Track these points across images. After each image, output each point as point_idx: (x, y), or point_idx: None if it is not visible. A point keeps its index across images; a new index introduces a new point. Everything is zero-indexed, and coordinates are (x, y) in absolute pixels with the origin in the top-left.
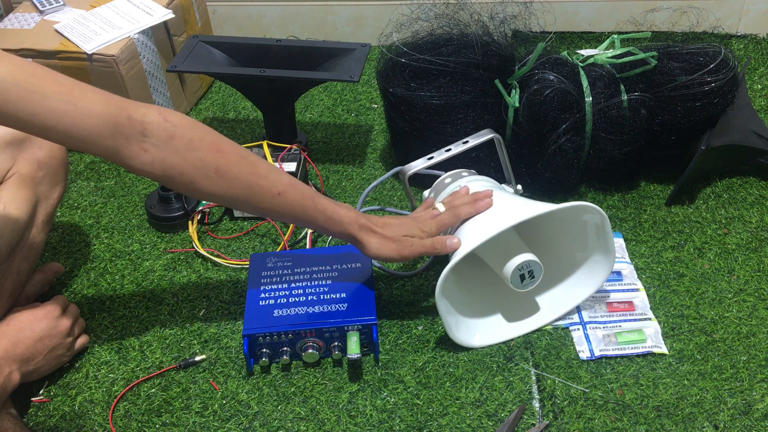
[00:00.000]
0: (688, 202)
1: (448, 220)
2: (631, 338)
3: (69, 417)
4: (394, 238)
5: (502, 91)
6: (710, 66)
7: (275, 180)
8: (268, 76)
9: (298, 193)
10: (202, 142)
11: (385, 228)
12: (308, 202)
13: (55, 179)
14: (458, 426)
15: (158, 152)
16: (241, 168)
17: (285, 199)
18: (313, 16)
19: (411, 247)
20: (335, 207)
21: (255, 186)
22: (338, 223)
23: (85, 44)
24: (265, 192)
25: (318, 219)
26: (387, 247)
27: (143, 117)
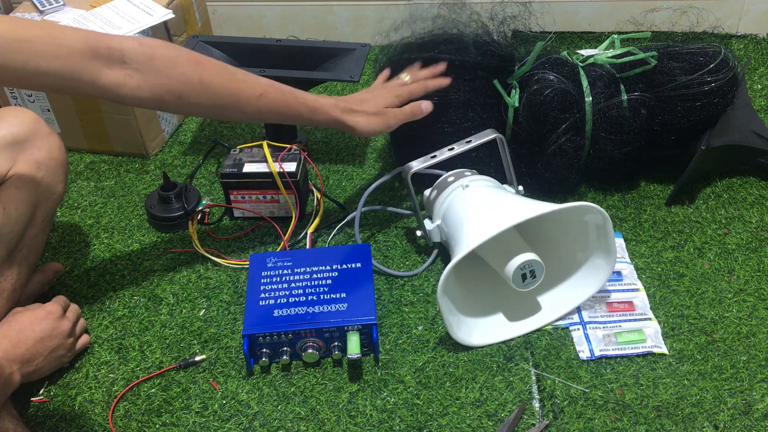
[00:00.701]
0: (688, 202)
1: (416, 89)
2: (631, 338)
3: (69, 417)
4: (377, 112)
5: (501, 92)
6: (710, 66)
7: (255, 82)
8: (268, 76)
9: (279, 91)
10: (180, 58)
11: (364, 104)
12: (290, 97)
13: (55, 180)
14: (458, 426)
15: (142, 75)
16: (222, 76)
17: (268, 98)
18: (313, 16)
19: (395, 117)
20: (316, 97)
21: (238, 91)
22: (322, 112)
23: None
24: (249, 95)
25: (302, 111)
26: (374, 122)
27: (120, 44)
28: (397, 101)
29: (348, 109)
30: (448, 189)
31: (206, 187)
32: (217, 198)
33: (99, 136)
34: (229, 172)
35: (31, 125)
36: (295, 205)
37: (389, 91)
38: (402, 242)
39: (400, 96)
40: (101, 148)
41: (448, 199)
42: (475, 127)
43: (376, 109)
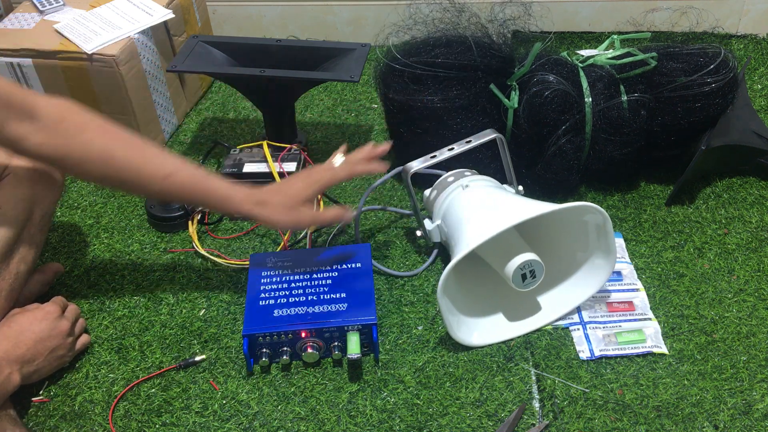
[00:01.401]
0: (688, 202)
1: (342, 173)
2: (631, 338)
3: (69, 417)
4: (291, 206)
5: (499, 95)
6: (710, 67)
7: (164, 162)
8: (268, 76)
9: (188, 175)
10: (90, 125)
11: (279, 196)
12: (200, 183)
13: (52, 179)
14: (458, 426)
15: (48, 134)
16: (129, 150)
17: (175, 181)
18: (313, 16)
19: (310, 218)
20: (228, 187)
21: (143, 167)
22: (232, 203)
23: (85, 44)
24: (154, 174)
25: (210, 199)
26: (285, 218)
27: (34, 101)
28: (318, 189)
29: (260, 202)
30: (448, 189)
31: None
32: None
33: None
34: (229, 172)
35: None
36: None
37: (311, 179)
38: (402, 242)
39: (320, 182)
40: None
41: (448, 199)
42: (475, 129)
43: (290, 203)
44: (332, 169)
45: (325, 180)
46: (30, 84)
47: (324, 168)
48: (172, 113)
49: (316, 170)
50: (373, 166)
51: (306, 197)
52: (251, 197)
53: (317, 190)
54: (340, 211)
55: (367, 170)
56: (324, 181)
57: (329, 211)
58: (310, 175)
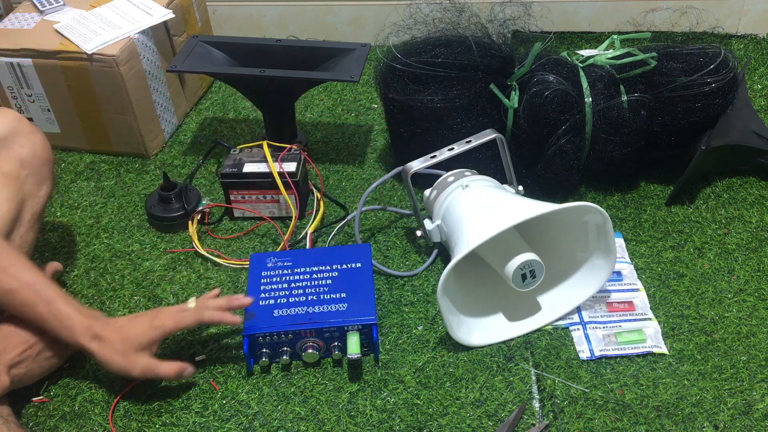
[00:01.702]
0: (688, 202)
1: (189, 319)
2: (631, 338)
3: (69, 417)
4: (126, 350)
5: (499, 95)
6: (710, 67)
7: (12, 277)
8: (268, 76)
9: (32, 295)
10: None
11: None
12: (41, 304)
13: (41, 177)
14: (458, 426)
15: None
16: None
17: (15, 298)
18: (313, 16)
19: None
20: (70, 315)
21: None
22: (70, 331)
23: (85, 44)
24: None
25: (49, 324)
26: (116, 362)
27: None
28: (159, 334)
29: (97, 337)
30: (448, 189)
31: (206, 187)
32: (217, 198)
33: (99, 136)
34: (229, 172)
35: (13, 123)
36: (295, 205)
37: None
38: (402, 242)
39: (162, 328)
40: (101, 148)
41: (448, 199)
42: (475, 129)
43: (126, 347)
44: (179, 314)
45: (169, 326)
46: (30, 84)
47: (172, 312)
48: (172, 113)
49: (162, 314)
50: (226, 317)
51: (144, 343)
52: (90, 330)
53: (158, 336)
54: (180, 368)
55: (216, 319)
56: (167, 327)
57: (167, 366)
58: (155, 317)
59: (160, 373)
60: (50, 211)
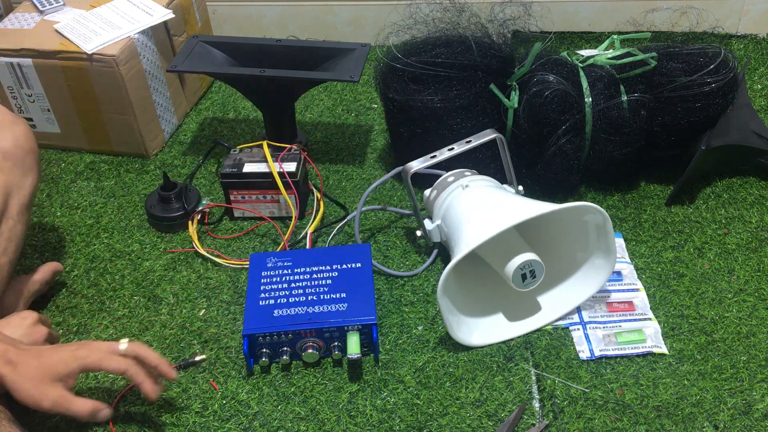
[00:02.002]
0: (688, 202)
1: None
2: (631, 338)
3: (69, 417)
4: (40, 379)
5: (500, 95)
6: (710, 67)
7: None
8: (268, 76)
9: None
10: None
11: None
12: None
13: (25, 169)
14: (458, 426)
15: None
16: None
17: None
18: (313, 16)
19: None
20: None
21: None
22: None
23: (85, 44)
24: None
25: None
26: (25, 393)
27: None
28: (79, 367)
29: (11, 361)
30: (448, 189)
31: (206, 187)
32: (217, 198)
33: (99, 136)
34: (229, 172)
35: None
36: (295, 205)
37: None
38: (402, 242)
39: (83, 360)
40: (101, 148)
41: (448, 199)
42: (475, 129)
43: (41, 375)
44: (108, 353)
45: (92, 360)
46: (30, 84)
47: (101, 348)
48: (172, 113)
49: (90, 346)
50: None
51: (61, 374)
52: (5, 354)
53: (77, 368)
54: (94, 407)
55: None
56: (90, 360)
57: (81, 403)
58: (80, 347)
59: (71, 409)
60: (50, 211)
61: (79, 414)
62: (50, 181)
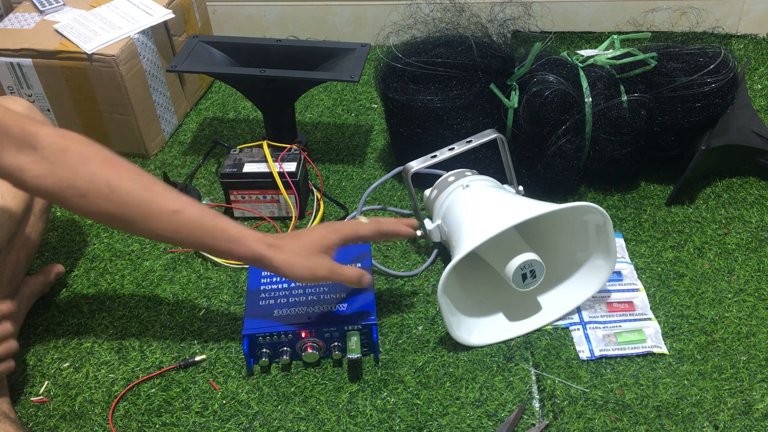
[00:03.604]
0: (688, 202)
1: (367, 229)
2: (631, 338)
3: (69, 417)
4: (308, 254)
5: (500, 95)
6: (710, 67)
7: (172, 198)
8: (268, 76)
9: (198, 212)
10: (95, 156)
11: (296, 241)
12: (209, 221)
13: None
14: (458, 426)
15: (49, 165)
16: (135, 184)
17: (183, 218)
18: (313, 16)
19: (328, 270)
20: (239, 227)
21: (150, 202)
22: (243, 244)
23: (85, 44)
24: (162, 209)
25: (220, 239)
26: (300, 266)
27: (37, 131)
28: (339, 238)
29: (274, 245)
30: (449, 189)
31: (206, 187)
32: (217, 198)
33: (99, 136)
34: (229, 172)
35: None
36: (295, 205)
37: (332, 227)
38: (402, 242)
39: (342, 232)
40: None
41: (448, 199)
42: (475, 130)
43: (307, 250)
44: (357, 223)
45: (347, 231)
46: (30, 84)
47: (348, 221)
48: (172, 113)
49: (339, 223)
50: (402, 228)
51: (326, 245)
52: (265, 239)
53: (338, 240)
54: (360, 273)
55: (394, 230)
56: (346, 231)
57: (349, 270)
58: (332, 224)
59: (344, 275)
60: (50, 210)
61: (349, 280)
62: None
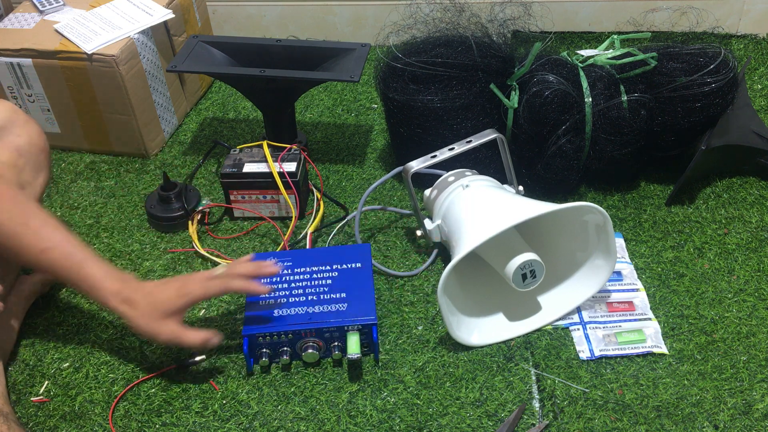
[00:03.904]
0: (688, 202)
1: (216, 288)
2: (631, 338)
3: (69, 417)
4: (151, 314)
5: (500, 95)
6: (710, 67)
7: (45, 235)
8: (268, 76)
9: (65, 255)
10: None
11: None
12: (73, 265)
13: (38, 166)
14: (458, 426)
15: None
16: (11, 214)
17: (50, 257)
18: (313, 16)
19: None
20: (102, 277)
21: (22, 237)
22: (100, 295)
23: (85, 44)
24: (31, 246)
25: (82, 285)
26: (143, 324)
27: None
28: (188, 302)
29: (127, 300)
30: (449, 189)
31: (206, 187)
32: (217, 198)
33: (99, 136)
34: (229, 172)
35: (7, 114)
36: (295, 205)
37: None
38: (402, 242)
39: (190, 296)
40: (101, 148)
41: (448, 199)
42: (475, 130)
43: (156, 312)
44: (207, 282)
45: (197, 294)
46: (30, 84)
47: (200, 279)
48: (172, 113)
49: (191, 281)
50: (253, 286)
51: (172, 310)
52: (121, 293)
53: (186, 304)
54: (205, 337)
55: (244, 288)
56: (195, 295)
57: (194, 335)
58: (184, 284)
59: (184, 341)
60: (50, 210)
61: (192, 345)
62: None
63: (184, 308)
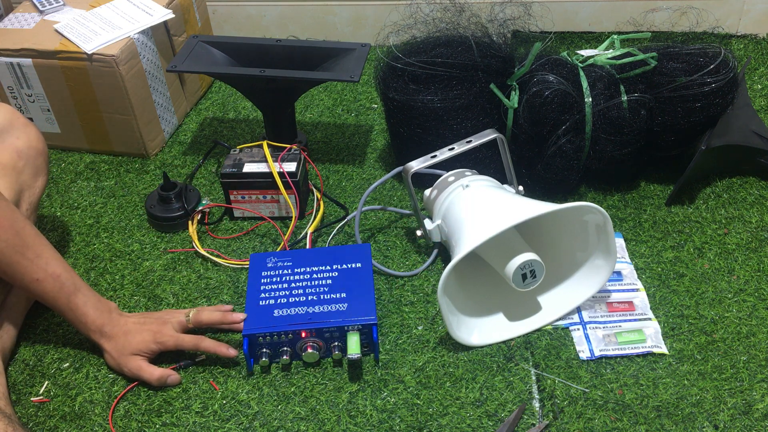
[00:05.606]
0: (688, 202)
1: (188, 345)
2: (631, 338)
3: (69, 417)
4: (124, 353)
5: (500, 95)
6: (710, 67)
7: (39, 267)
8: (268, 76)
9: (57, 286)
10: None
11: (126, 337)
12: (64, 295)
13: (37, 169)
14: (458, 426)
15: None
16: (9, 243)
17: (42, 287)
18: (313, 16)
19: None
20: (88, 312)
21: (16, 264)
22: (86, 328)
23: (85, 44)
24: (26, 274)
25: (67, 315)
26: (115, 361)
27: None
28: (157, 349)
29: (107, 335)
30: (449, 189)
31: (206, 187)
32: (217, 198)
33: (99, 136)
34: (229, 172)
35: (7, 116)
36: (295, 205)
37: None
38: (402, 242)
39: (162, 344)
40: (101, 148)
41: (448, 199)
42: (475, 130)
43: (128, 350)
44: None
45: (169, 345)
46: (30, 84)
47: (175, 328)
48: (172, 113)
49: (166, 330)
50: (221, 348)
51: (143, 350)
52: (103, 328)
53: (157, 351)
54: (162, 374)
55: (213, 350)
56: (167, 345)
57: (150, 370)
58: (160, 332)
59: (142, 376)
60: (50, 211)
61: (150, 381)
62: (50, 181)
63: (154, 353)
